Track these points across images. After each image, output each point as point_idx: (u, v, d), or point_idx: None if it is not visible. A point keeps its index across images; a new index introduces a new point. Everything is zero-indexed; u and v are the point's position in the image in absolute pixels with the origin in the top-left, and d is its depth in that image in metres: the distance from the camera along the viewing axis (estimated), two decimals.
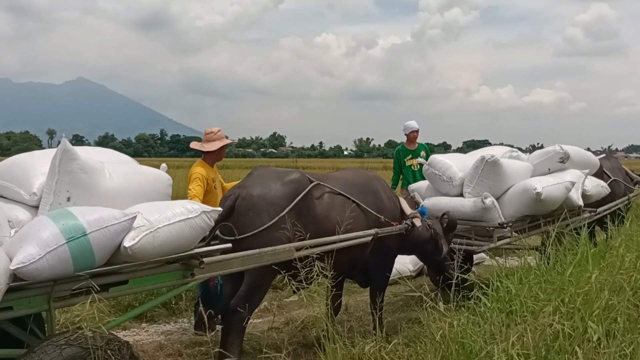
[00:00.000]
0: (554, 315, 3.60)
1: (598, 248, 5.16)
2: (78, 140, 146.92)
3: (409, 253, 5.82)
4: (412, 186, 7.19)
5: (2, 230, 3.30)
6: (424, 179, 7.11)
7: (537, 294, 4.04)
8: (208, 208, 3.83)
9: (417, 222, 5.30)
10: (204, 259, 3.78)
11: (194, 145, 5.87)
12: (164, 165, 4.68)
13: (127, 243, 3.30)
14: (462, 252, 4.99)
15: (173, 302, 6.43)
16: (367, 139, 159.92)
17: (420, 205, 6.00)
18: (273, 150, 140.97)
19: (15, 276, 2.98)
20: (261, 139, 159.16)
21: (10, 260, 2.97)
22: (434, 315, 3.96)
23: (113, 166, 3.94)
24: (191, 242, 3.74)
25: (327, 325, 3.90)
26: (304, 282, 4.05)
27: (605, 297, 3.77)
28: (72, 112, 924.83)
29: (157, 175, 4.35)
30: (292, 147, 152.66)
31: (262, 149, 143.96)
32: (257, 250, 4.12)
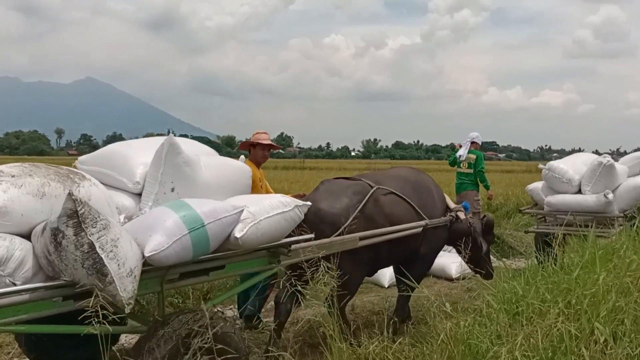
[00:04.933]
0: (560, 316, 3.59)
1: (604, 250, 5.14)
2: (86, 140, 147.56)
3: (451, 244, 6.29)
4: (530, 186, 8.57)
5: (113, 216, 3.56)
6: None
7: (543, 296, 4.03)
8: (300, 202, 4.26)
9: (462, 215, 5.91)
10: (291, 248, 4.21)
11: (243, 145, 6.10)
12: (242, 157, 5.19)
13: (237, 234, 3.69)
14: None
15: (180, 301, 6.45)
16: (375, 139, 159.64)
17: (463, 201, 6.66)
18: (280, 151, 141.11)
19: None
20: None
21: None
22: (440, 315, 3.97)
23: (203, 158, 4.23)
24: (285, 233, 4.18)
25: (333, 325, 3.91)
26: (310, 282, 4.10)
27: (612, 298, 3.76)
28: (80, 111, 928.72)
29: (240, 167, 4.69)
30: (300, 147, 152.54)
31: None
32: (327, 240, 4.55)
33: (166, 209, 3.54)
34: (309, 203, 4.41)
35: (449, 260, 7.91)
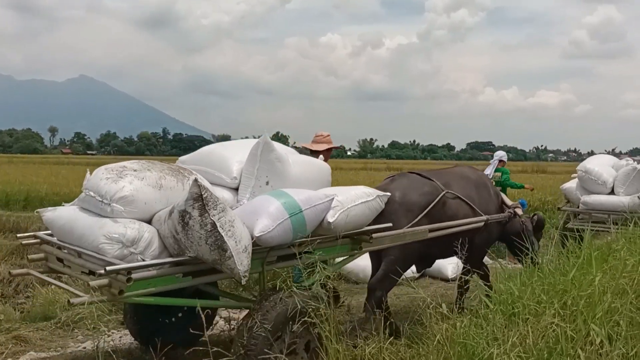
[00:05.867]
0: (556, 317, 3.60)
1: (600, 251, 5.16)
2: (80, 138, 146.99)
3: (503, 240, 6.65)
4: (564, 185, 9.53)
5: None
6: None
7: (539, 297, 4.03)
8: (381, 193, 4.78)
9: (519, 211, 6.29)
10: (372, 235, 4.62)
11: (304, 144, 6.55)
12: (321, 156, 5.72)
13: (330, 219, 4.21)
14: None
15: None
16: (371, 139, 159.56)
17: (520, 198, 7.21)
18: None
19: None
20: None
21: None
22: (436, 316, 3.97)
23: (290, 156, 4.68)
24: (368, 220, 4.67)
25: (329, 325, 3.90)
26: (305, 282, 4.09)
27: (607, 300, 3.76)
28: (74, 109, 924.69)
29: (322, 165, 5.16)
30: (295, 147, 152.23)
31: None
32: (401, 231, 4.93)
33: (268, 197, 4.05)
34: (389, 193, 4.92)
35: (445, 262, 7.92)
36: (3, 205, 15.12)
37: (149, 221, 3.81)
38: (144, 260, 3.60)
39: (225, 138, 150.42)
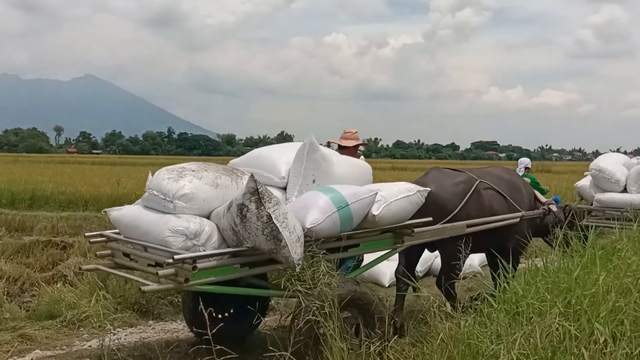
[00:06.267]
0: (560, 316, 3.60)
1: (605, 250, 5.15)
2: (85, 137, 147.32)
3: (539, 236, 6.81)
4: (578, 183, 9.56)
5: None
6: None
7: (543, 296, 4.03)
8: (421, 188, 4.99)
9: (554, 208, 6.58)
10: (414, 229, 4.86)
11: (331, 140, 6.73)
12: (362, 157, 5.92)
13: (375, 212, 4.44)
14: None
15: (179, 300, 6.46)
16: (376, 139, 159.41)
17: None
18: None
19: None
20: (269, 138, 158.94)
21: None
22: (440, 315, 3.97)
23: (334, 156, 4.97)
24: (409, 215, 4.86)
25: (334, 324, 3.91)
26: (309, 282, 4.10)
27: (612, 299, 3.77)
28: (80, 109, 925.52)
29: (363, 164, 5.40)
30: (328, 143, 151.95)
31: None
32: (440, 225, 5.20)
33: (317, 192, 4.33)
34: (428, 189, 5.10)
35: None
36: (9, 204, 15.19)
37: (207, 217, 4.18)
38: (205, 251, 3.95)
39: (230, 137, 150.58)
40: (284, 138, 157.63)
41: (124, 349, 5.07)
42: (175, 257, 3.70)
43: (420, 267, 8.05)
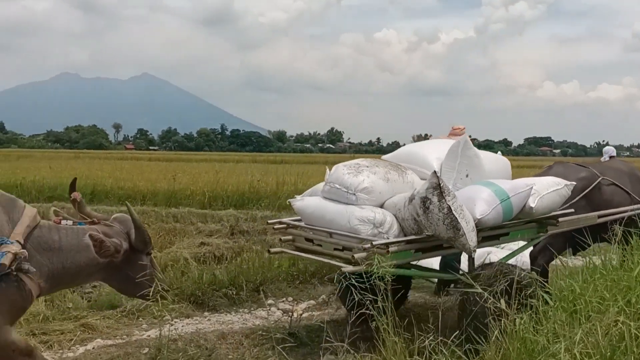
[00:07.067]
0: (619, 315, 3.51)
1: None
2: (142, 134, 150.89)
3: None
4: None
5: None
6: None
7: (602, 294, 3.93)
8: (569, 182, 5.24)
9: None
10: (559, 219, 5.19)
11: (441, 136, 6.83)
12: (499, 152, 6.13)
13: (532, 204, 4.74)
14: None
15: (234, 293, 6.58)
16: (426, 134, 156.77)
17: None
18: (331, 146, 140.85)
19: None
20: (319, 134, 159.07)
21: None
22: (494, 311, 3.92)
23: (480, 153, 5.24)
24: (557, 206, 5.16)
25: (387, 319, 3.92)
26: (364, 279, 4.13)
27: None
28: (137, 106, 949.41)
29: (504, 160, 5.76)
30: (350, 142, 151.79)
31: (319, 144, 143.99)
32: (576, 216, 5.44)
33: (479, 186, 4.68)
34: (574, 182, 5.35)
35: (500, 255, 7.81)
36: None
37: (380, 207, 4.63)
38: (388, 238, 4.40)
39: (281, 134, 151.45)
40: (333, 134, 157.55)
41: (181, 339, 5.18)
42: (374, 242, 4.22)
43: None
